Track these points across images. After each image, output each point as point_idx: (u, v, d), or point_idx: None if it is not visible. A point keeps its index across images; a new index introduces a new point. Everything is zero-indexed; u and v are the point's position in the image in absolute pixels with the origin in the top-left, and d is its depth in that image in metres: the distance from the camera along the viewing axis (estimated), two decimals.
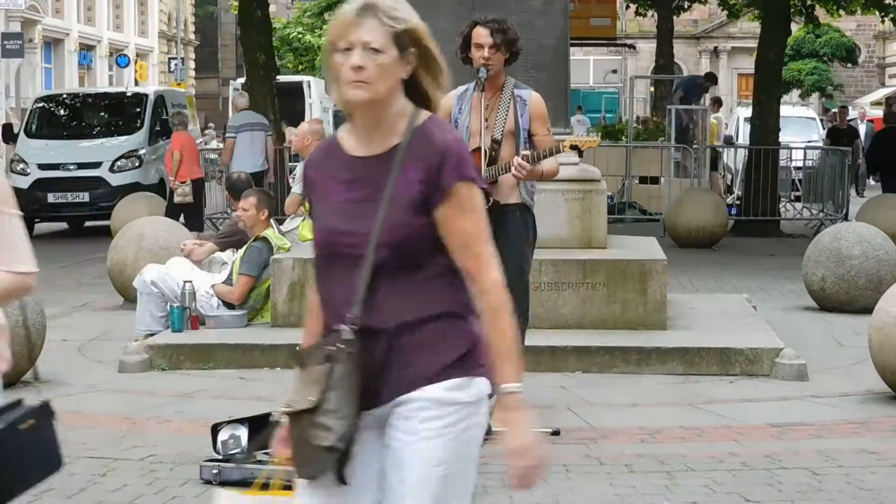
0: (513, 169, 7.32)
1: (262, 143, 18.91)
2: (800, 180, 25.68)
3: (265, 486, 4.86)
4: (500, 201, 7.45)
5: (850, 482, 6.69)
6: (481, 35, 7.48)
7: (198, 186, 18.17)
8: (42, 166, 21.66)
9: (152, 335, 10.23)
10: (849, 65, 58.43)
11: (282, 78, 26.66)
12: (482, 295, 3.49)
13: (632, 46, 52.67)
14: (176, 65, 56.91)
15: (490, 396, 7.67)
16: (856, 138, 28.37)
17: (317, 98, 34.45)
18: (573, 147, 7.43)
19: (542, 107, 7.60)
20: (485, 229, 3.54)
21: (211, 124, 48.22)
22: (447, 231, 3.47)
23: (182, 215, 17.40)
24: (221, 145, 37.05)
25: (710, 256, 17.68)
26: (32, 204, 21.55)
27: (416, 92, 3.55)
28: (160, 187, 22.03)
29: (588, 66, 60.85)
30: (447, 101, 7.70)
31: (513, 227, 7.51)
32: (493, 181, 7.43)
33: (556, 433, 7.52)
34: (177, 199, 17.84)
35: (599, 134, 26.53)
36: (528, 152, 7.36)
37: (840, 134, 27.34)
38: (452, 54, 7.80)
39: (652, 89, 41.12)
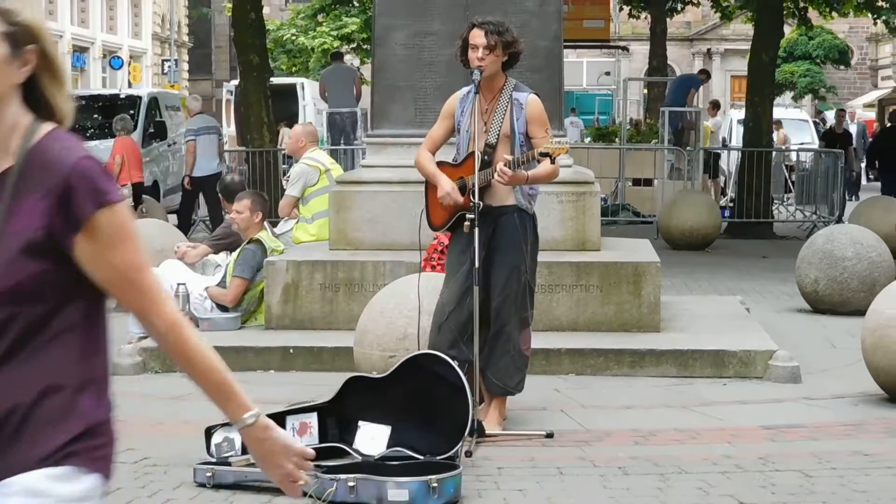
0: (495, 175, 7.32)
1: (216, 147, 19.75)
2: (793, 181, 25.72)
3: None
4: (492, 205, 7.46)
5: (844, 484, 6.70)
6: (476, 36, 7.49)
7: (138, 190, 18.46)
8: None
9: (146, 338, 10.22)
10: (841, 67, 58.53)
11: (275, 80, 26.64)
12: (160, 338, 2.91)
13: (625, 48, 52.64)
14: (169, 67, 56.87)
15: (474, 412, 7.68)
16: (850, 143, 27.60)
17: (310, 100, 34.47)
18: (543, 154, 7.37)
19: (538, 109, 7.59)
20: (144, 257, 2.87)
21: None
22: (96, 270, 2.79)
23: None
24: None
25: (704, 258, 17.69)
26: None
27: (38, 101, 2.85)
28: (154, 189, 22.04)
29: (581, 68, 60.90)
30: (451, 103, 7.72)
31: (507, 230, 7.52)
32: (486, 185, 7.45)
33: (549, 435, 7.53)
34: None
35: (587, 134, 26.54)
36: (509, 157, 7.37)
37: (835, 138, 26.76)
38: (450, 56, 7.84)
39: (645, 91, 41.16)
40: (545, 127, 7.59)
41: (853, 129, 34.08)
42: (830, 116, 42.59)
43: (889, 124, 24.70)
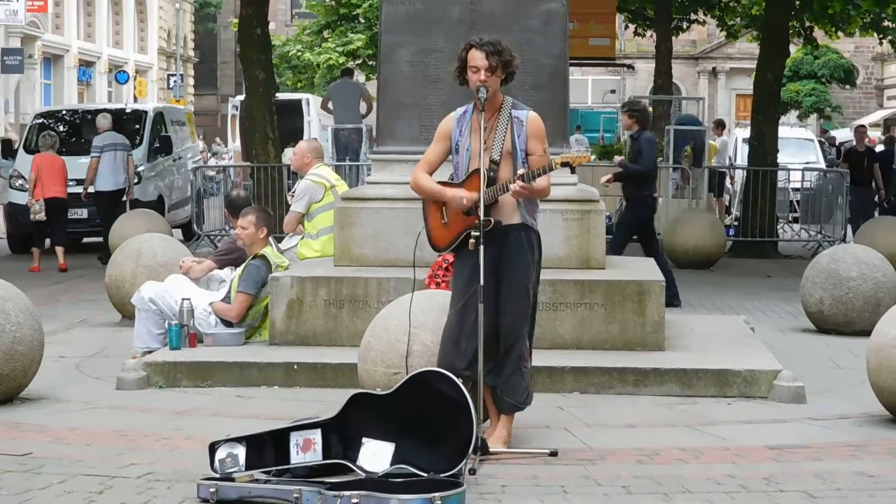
0: (511, 189, 7.35)
1: (123, 162, 20.46)
2: (797, 201, 25.68)
3: None
4: (502, 222, 7.47)
5: None
6: (477, 58, 7.51)
7: (54, 205, 19.05)
8: None
9: (150, 352, 10.22)
10: (847, 86, 58.57)
11: (281, 95, 26.72)
12: None
13: (630, 66, 52.78)
14: (175, 81, 57.00)
15: (484, 420, 7.72)
16: (875, 161, 24.10)
17: (315, 116, 34.48)
18: (564, 164, 7.44)
19: (538, 126, 7.62)
20: None
21: (218, 139, 48.27)
22: None
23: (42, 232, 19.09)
24: (221, 162, 37.17)
25: (708, 277, 17.69)
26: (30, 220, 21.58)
27: None
28: (159, 204, 22.07)
29: (587, 86, 60.95)
30: (447, 123, 7.73)
31: (515, 248, 7.53)
32: (493, 202, 7.45)
33: (553, 454, 7.52)
34: (31, 217, 19.10)
35: (591, 152, 26.53)
36: (522, 171, 7.38)
37: (859, 156, 23.75)
38: (450, 73, 7.84)
39: (650, 109, 41.18)
40: (544, 144, 7.64)
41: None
42: (838, 135, 42.55)
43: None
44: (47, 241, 19.50)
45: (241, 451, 6.92)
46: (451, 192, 7.57)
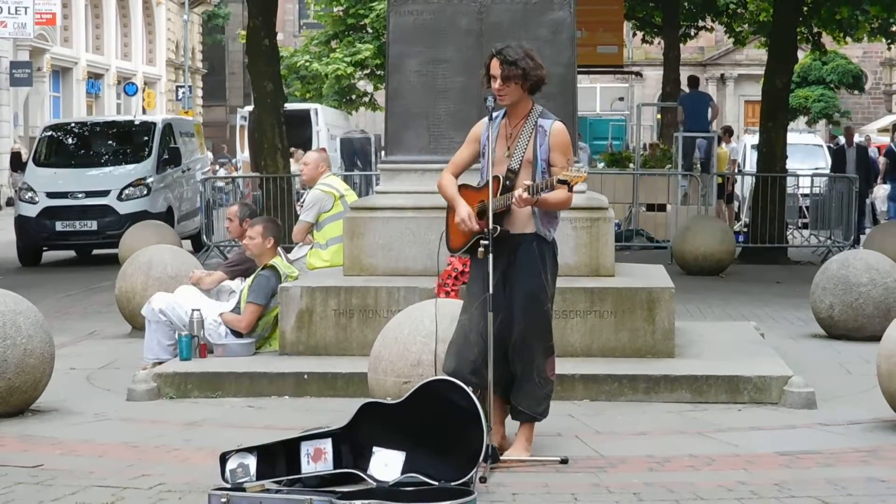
0: (513, 199, 7.35)
1: None
2: (807, 207, 25.66)
3: None
4: (512, 231, 7.46)
5: None
6: (493, 67, 7.54)
7: None
8: (50, 194, 21.75)
9: (160, 363, 10.23)
10: (855, 91, 58.48)
11: (289, 106, 26.73)
12: None
13: (638, 74, 52.68)
14: (183, 93, 57.12)
15: (488, 438, 7.68)
16: None
17: (324, 126, 34.57)
18: (561, 182, 7.38)
19: (562, 136, 7.58)
20: None
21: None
22: None
23: None
24: (225, 172, 37.20)
25: (718, 284, 17.66)
26: (40, 232, 21.66)
27: None
28: (168, 215, 22.12)
29: (595, 94, 60.94)
30: (478, 127, 7.72)
31: (524, 258, 7.50)
32: (503, 210, 7.45)
33: (564, 461, 7.51)
34: None
35: (599, 159, 26.53)
36: (528, 183, 7.38)
37: None
38: (463, 83, 7.85)
39: (659, 116, 41.19)
40: (567, 156, 7.58)
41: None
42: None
43: None
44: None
45: (251, 462, 6.92)
46: (461, 207, 7.56)
